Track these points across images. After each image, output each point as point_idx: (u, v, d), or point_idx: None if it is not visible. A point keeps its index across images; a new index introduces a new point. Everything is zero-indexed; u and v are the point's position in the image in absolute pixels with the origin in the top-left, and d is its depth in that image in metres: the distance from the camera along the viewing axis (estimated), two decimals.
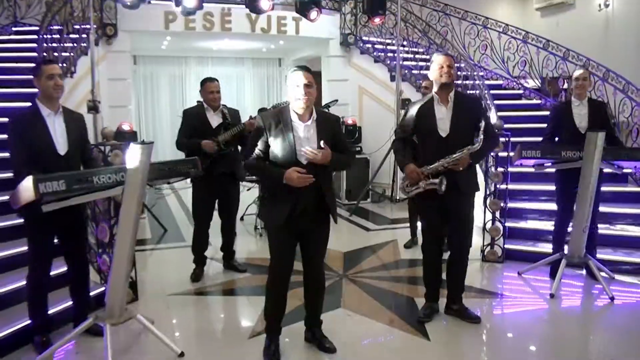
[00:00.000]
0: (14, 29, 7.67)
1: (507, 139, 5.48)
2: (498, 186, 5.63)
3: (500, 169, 5.55)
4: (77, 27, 7.25)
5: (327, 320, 4.17)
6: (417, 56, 8.64)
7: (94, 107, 6.76)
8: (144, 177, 3.38)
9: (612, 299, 4.60)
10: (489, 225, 5.67)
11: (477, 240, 5.89)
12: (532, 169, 5.86)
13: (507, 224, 5.76)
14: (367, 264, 5.73)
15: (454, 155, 3.86)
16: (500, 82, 8.74)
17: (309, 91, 3.37)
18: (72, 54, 6.99)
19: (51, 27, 6.55)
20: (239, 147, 5.14)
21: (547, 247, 5.36)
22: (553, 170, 5.03)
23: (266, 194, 3.63)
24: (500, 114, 7.23)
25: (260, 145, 3.45)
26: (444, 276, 4.32)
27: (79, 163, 3.75)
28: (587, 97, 5.01)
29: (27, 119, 3.57)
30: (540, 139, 5.30)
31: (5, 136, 3.51)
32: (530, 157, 4.69)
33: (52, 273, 3.85)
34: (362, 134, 8.98)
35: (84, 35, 7.20)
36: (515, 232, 5.89)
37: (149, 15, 8.12)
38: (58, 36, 6.74)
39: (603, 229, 5.48)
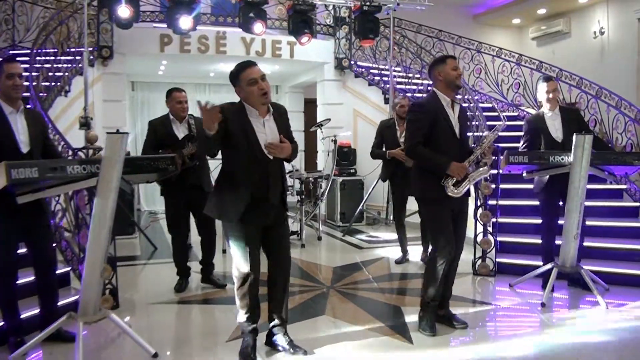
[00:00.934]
0: (11, 52, 7.75)
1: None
2: (488, 201, 5.55)
3: (492, 185, 5.49)
4: (73, 49, 7.34)
5: (309, 326, 4.14)
6: (410, 80, 8.66)
7: (86, 124, 6.79)
8: (119, 167, 3.33)
9: (606, 307, 4.48)
10: (480, 238, 5.57)
11: (467, 253, 5.82)
12: (523, 185, 5.87)
13: (499, 238, 5.67)
14: (355, 277, 5.63)
15: (488, 136, 3.93)
16: (495, 105, 8.77)
17: (266, 84, 3.34)
18: (66, 73, 7.06)
19: (46, 48, 6.63)
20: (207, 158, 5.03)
21: (539, 261, 5.22)
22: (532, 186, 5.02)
23: (225, 183, 3.44)
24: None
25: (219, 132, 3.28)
26: None
27: None
28: (557, 106, 4.99)
29: None
30: None
31: None
32: (518, 162, 4.62)
33: (28, 280, 3.84)
34: (357, 156, 8.97)
35: (79, 57, 7.29)
36: (507, 246, 5.78)
37: (144, 38, 8.22)
38: (52, 57, 6.83)
39: (598, 242, 5.44)
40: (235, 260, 3.45)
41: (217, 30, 8.59)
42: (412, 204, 5.94)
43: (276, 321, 3.62)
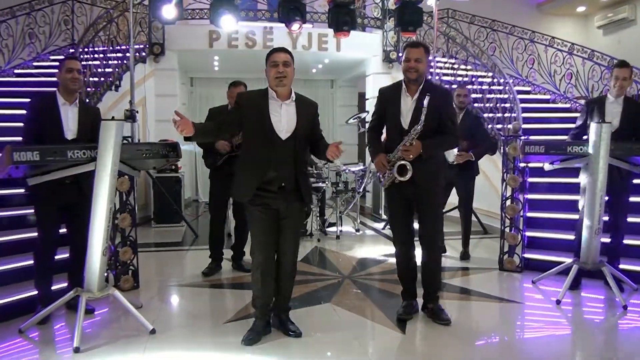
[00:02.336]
0: (71, 50, 8.29)
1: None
2: (519, 194, 5.35)
3: (519, 177, 5.29)
4: (123, 46, 7.75)
5: (309, 312, 4.24)
6: (456, 72, 8.45)
7: (131, 116, 7.17)
8: (114, 152, 3.54)
9: (624, 307, 4.22)
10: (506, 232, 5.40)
11: (495, 246, 5.66)
12: (555, 179, 5.64)
13: (528, 234, 5.48)
14: (377, 268, 5.60)
15: (402, 142, 3.72)
16: (547, 96, 8.42)
17: (287, 70, 3.47)
18: (117, 70, 7.48)
19: (94, 46, 7.07)
20: None
21: (570, 259, 4.97)
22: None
23: (241, 164, 3.64)
24: (549, 126, 7.12)
25: (232, 119, 3.63)
26: None
27: None
28: (623, 95, 4.69)
29: (43, 103, 3.95)
30: None
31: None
32: (534, 153, 4.45)
33: (62, 257, 4.17)
34: None
35: (129, 54, 7.70)
36: (536, 242, 5.55)
37: (193, 35, 8.56)
38: (101, 55, 7.26)
39: (630, 239, 5.07)
40: (251, 244, 3.61)
41: (264, 26, 8.78)
42: (453, 197, 5.90)
43: (278, 305, 3.76)
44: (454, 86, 8.10)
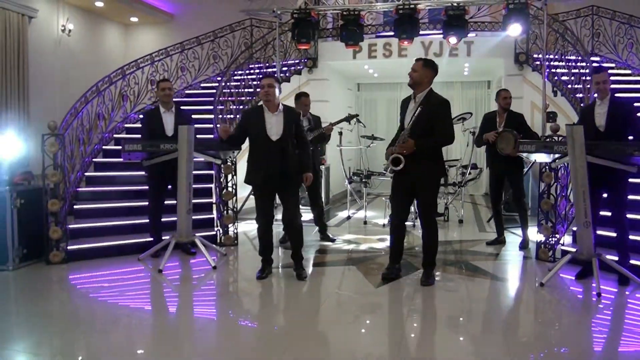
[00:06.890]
0: (250, 66, 10.43)
1: None
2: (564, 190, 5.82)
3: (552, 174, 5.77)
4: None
5: (332, 270, 5.62)
6: (570, 70, 8.50)
7: None
8: (189, 145, 5.36)
9: (598, 294, 4.59)
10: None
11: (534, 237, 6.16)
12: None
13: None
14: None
15: (398, 140, 4.78)
16: None
17: (270, 90, 4.93)
18: None
19: (250, 64, 9.13)
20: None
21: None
22: None
23: (250, 159, 5.09)
24: None
25: (239, 128, 5.17)
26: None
27: None
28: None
29: (150, 114, 6.01)
30: None
31: None
32: (527, 151, 5.11)
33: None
34: None
35: (285, 69, 9.65)
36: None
37: (340, 49, 10.04)
38: (254, 67, 9.29)
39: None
40: (256, 210, 5.15)
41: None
42: None
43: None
44: (569, 86, 8.28)
